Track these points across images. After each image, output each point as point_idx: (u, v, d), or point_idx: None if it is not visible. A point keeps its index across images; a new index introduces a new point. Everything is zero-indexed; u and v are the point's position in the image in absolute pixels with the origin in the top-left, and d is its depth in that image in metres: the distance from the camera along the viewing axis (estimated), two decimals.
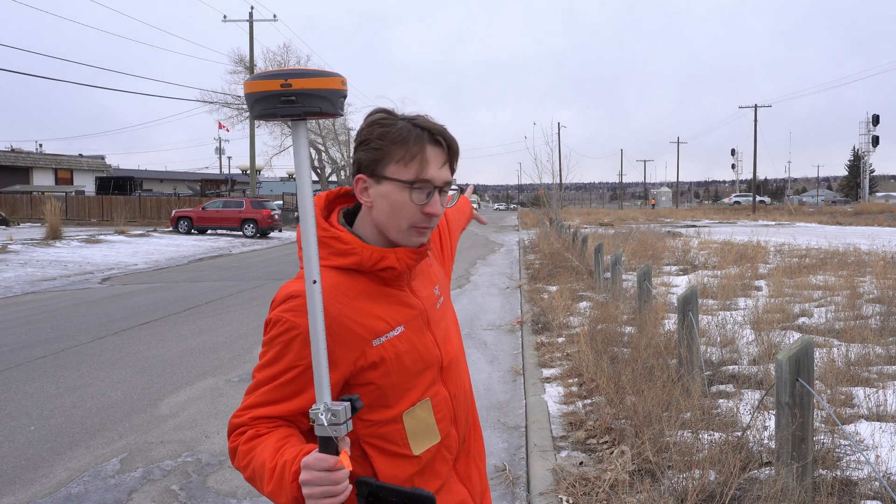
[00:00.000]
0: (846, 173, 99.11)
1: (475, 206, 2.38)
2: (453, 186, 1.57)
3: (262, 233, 31.74)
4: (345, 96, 1.33)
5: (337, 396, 1.45)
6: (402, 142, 1.46)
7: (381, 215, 1.51)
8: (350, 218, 1.61)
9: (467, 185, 1.92)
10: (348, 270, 1.51)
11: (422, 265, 1.68)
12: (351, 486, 1.33)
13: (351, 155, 1.65)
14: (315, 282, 1.33)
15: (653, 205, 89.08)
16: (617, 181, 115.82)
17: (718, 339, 7.42)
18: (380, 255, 1.50)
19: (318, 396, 1.32)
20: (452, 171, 1.55)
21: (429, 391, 1.56)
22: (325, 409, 1.30)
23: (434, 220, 1.52)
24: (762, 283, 12.35)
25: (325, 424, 1.29)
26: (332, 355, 1.43)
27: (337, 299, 1.46)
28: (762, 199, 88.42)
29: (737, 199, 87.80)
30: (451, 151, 1.53)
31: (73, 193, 45.20)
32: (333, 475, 1.28)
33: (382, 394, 1.50)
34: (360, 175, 1.51)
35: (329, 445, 1.30)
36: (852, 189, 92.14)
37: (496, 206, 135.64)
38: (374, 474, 1.51)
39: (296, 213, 41.22)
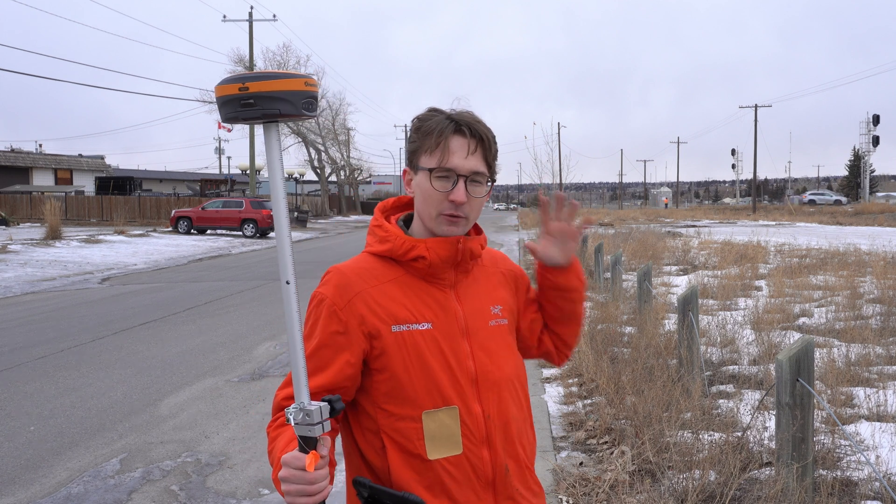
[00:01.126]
0: (846, 173, 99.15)
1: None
2: (487, 181, 1.58)
3: (262, 233, 31.74)
4: (312, 97, 1.30)
5: (356, 376, 1.52)
6: (430, 133, 1.54)
7: (418, 204, 1.59)
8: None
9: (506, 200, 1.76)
10: (385, 258, 1.59)
11: (483, 281, 1.67)
12: (330, 487, 1.34)
13: (350, 155, 1.66)
14: (288, 283, 1.34)
15: (665, 204, 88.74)
16: (617, 181, 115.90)
17: (718, 339, 7.42)
18: (411, 244, 1.55)
19: (296, 395, 1.32)
20: (487, 163, 1.57)
21: (458, 401, 1.53)
22: (300, 408, 1.30)
23: (462, 208, 1.54)
24: (762, 283, 12.35)
25: (299, 423, 1.29)
26: (350, 330, 1.50)
27: (365, 279, 1.55)
28: (838, 198, 77.39)
29: (812, 196, 79.95)
30: (481, 142, 1.55)
31: (73, 193, 45.21)
32: (307, 475, 1.29)
33: (400, 385, 1.51)
34: (405, 168, 1.62)
35: (308, 444, 1.30)
36: (852, 189, 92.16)
37: (496, 206, 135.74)
38: (388, 469, 1.51)
39: (296, 213, 41.22)
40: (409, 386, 1.51)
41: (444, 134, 1.52)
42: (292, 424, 1.30)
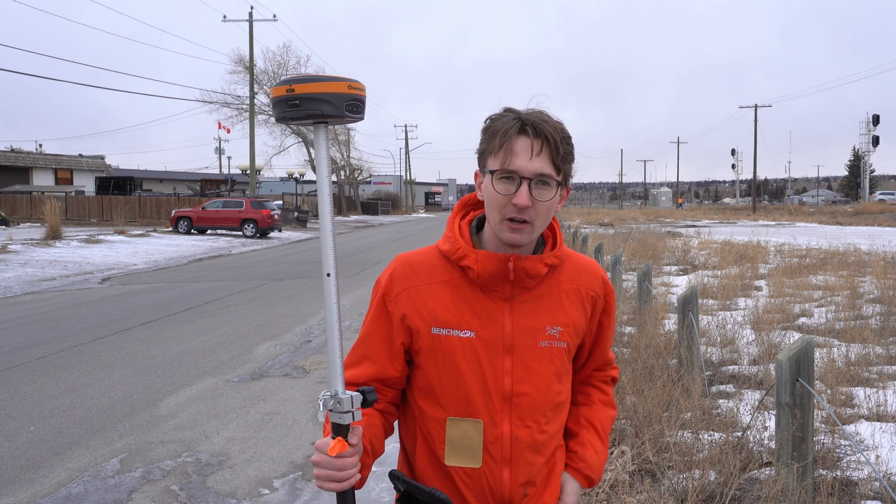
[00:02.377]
0: (846, 173, 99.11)
1: None
2: (556, 183, 1.49)
3: (262, 233, 31.73)
4: (356, 100, 1.36)
5: (399, 362, 1.56)
6: (496, 134, 1.47)
7: (486, 208, 1.53)
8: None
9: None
10: (447, 258, 1.56)
11: (548, 297, 1.56)
12: (358, 476, 1.38)
13: (350, 155, 1.68)
14: (329, 275, 1.39)
15: (680, 204, 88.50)
16: (617, 181, 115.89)
17: (718, 339, 7.42)
18: (464, 252, 1.52)
19: (332, 383, 1.38)
20: (556, 165, 1.47)
21: (485, 416, 1.50)
22: (332, 395, 1.35)
23: (527, 212, 1.45)
24: (762, 283, 12.35)
25: (331, 410, 1.35)
26: (393, 318, 1.54)
27: (420, 275, 1.55)
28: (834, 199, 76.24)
29: (883, 195, 77.22)
30: (548, 142, 1.45)
31: (73, 193, 45.21)
32: (336, 461, 1.33)
33: (430, 385, 1.53)
34: (476, 171, 1.57)
35: (340, 431, 1.35)
36: (852, 189, 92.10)
37: None
38: (415, 458, 1.57)
39: (296, 213, 41.22)
40: (438, 389, 1.52)
41: (508, 134, 1.45)
42: (330, 411, 1.35)
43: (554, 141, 1.45)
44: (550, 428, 1.57)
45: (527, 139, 1.45)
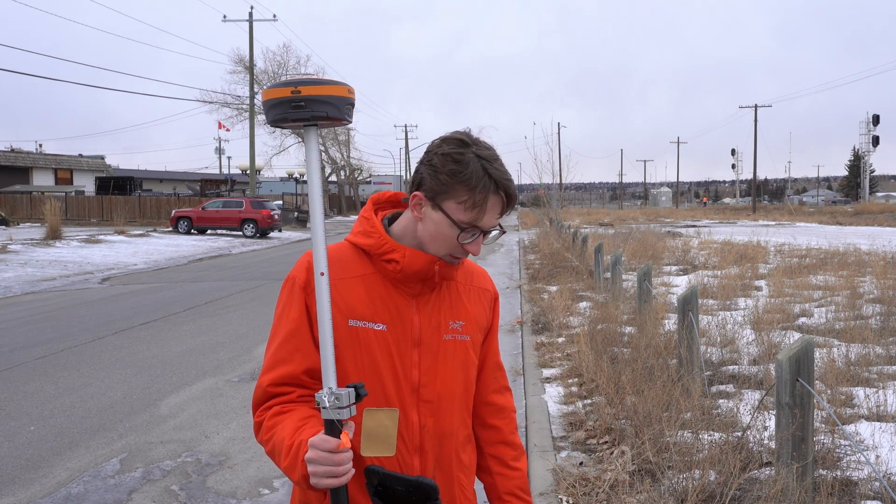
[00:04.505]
0: (846, 173, 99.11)
1: None
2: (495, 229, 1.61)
3: (262, 233, 31.73)
4: (352, 104, 1.42)
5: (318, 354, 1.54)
6: (470, 187, 1.50)
7: (425, 235, 1.57)
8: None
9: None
10: (363, 252, 1.60)
11: (455, 296, 1.66)
12: (353, 470, 1.40)
13: (350, 155, 1.68)
14: (322, 274, 1.42)
15: (704, 203, 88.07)
16: (617, 181, 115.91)
17: (718, 339, 7.42)
18: (391, 247, 1.56)
19: (325, 381, 1.41)
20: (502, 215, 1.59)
21: (398, 406, 1.56)
22: (329, 392, 1.37)
23: (470, 254, 1.58)
24: (762, 283, 12.35)
25: (328, 407, 1.37)
26: (311, 309, 1.55)
27: (335, 270, 1.56)
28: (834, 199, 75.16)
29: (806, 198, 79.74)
30: (510, 203, 1.56)
31: (73, 193, 45.20)
32: (335, 456, 1.36)
33: (346, 377, 1.54)
34: (418, 193, 1.56)
35: (334, 428, 1.38)
36: (852, 189, 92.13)
37: None
38: None
39: (296, 214, 41.23)
40: (355, 380, 1.53)
41: (484, 194, 1.50)
42: (323, 408, 1.37)
43: (514, 201, 1.57)
44: (456, 417, 1.65)
45: (498, 200, 1.54)
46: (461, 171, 1.50)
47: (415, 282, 1.58)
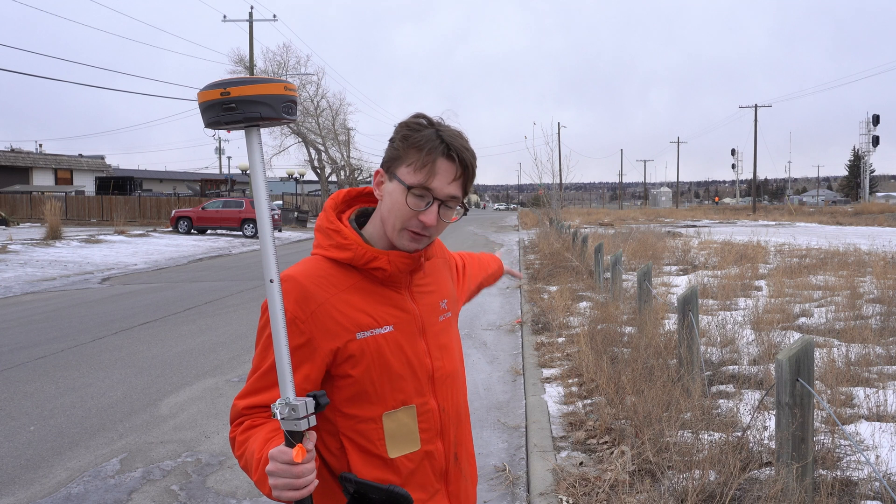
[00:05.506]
0: (846, 173, 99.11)
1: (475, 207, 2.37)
2: (459, 206, 1.58)
3: None
4: (292, 101, 1.36)
5: (319, 385, 1.51)
6: (418, 148, 1.50)
7: (384, 210, 1.57)
8: (365, 220, 1.66)
9: (479, 202, 1.75)
10: (343, 264, 1.56)
11: (432, 275, 1.70)
12: (316, 481, 1.37)
13: (350, 155, 1.68)
14: (272, 281, 1.38)
15: (716, 202, 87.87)
16: (617, 181, 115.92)
17: (718, 339, 7.41)
18: (373, 255, 1.54)
19: (282, 391, 1.36)
20: (465, 190, 1.56)
21: (416, 399, 1.57)
22: (285, 403, 1.33)
23: (429, 229, 1.53)
24: (762, 283, 12.35)
25: (285, 418, 1.32)
26: (313, 342, 1.48)
27: (325, 289, 1.51)
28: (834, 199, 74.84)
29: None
30: (465, 170, 1.53)
31: (73, 193, 45.21)
32: (294, 469, 1.32)
33: (363, 389, 1.52)
34: (379, 169, 1.59)
35: (294, 438, 1.34)
36: (852, 189, 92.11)
37: (496, 206, 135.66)
38: (347, 468, 1.54)
39: (296, 214, 41.23)
40: (371, 390, 1.53)
41: (433, 154, 1.49)
42: (278, 419, 1.33)
43: (470, 169, 1.53)
44: (462, 392, 1.71)
45: (450, 164, 1.51)
46: (412, 136, 1.51)
47: (403, 276, 1.59)
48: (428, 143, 1.50)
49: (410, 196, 1.50)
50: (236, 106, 1.31)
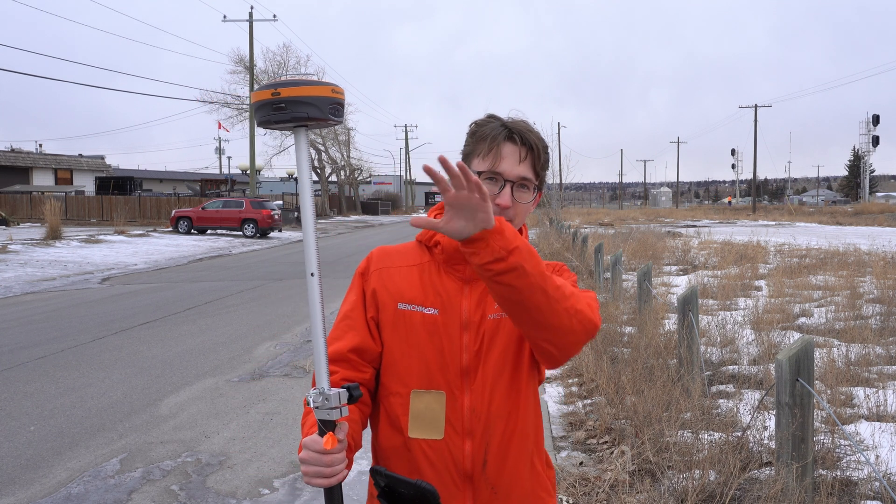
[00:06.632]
0: (846, 173, 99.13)
1: None
2: (534, 187, 1.64)
3: (262, 233, 31.74)
4: (338, 104, 1.40)
5: (376, 335, 1.64)
6: (484, 138, 1.61)
7: None
8: None
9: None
10: (422, 245, 1.70)
11: None
12: (346, 471, 1.43)
13: (350, 155, 1.69)
14: (313, 274, 1.43)
15: (729, 202, 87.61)
16: (617, 181, 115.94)
17: (718, 339, 7.42)
18: (434, 233, 1.64)
19: (318, 381, 1.41)
20: (536, 171, 1.63)
21: (445, 388, 1.58)
22: (319, 393, 1.38)
23: (507, 212, 1.59)
24: (762, 283, 12.35)
25: (319, 407, 1.38)
26: (375, 293, 1.65)
27: (393, 259, 1.68)
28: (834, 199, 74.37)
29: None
30: (531, 151, 1.61)
31: (73, 193, 45.21)
32: (324, 457, 1.38)
33: (392, 359, 1.60)
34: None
35: (327, 427, 1.39)
36: (852, 189, 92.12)
37: None
38: (377, 436, 1.63)
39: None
40: (401, 363, 1.60)
41: (496, 140, 1.59)
42: (317, 408, 1.38)
43: (537, 149, 1.62)
44: (508, 401, 1.60)
45: (513, 146, 1.60)
46: (479, 130, 1.64)
47: (462, 262, 1.62)
48: (492, 132, 1.61)
49: (483, 183, 1.56)
50: (285, 106, 1.36)
